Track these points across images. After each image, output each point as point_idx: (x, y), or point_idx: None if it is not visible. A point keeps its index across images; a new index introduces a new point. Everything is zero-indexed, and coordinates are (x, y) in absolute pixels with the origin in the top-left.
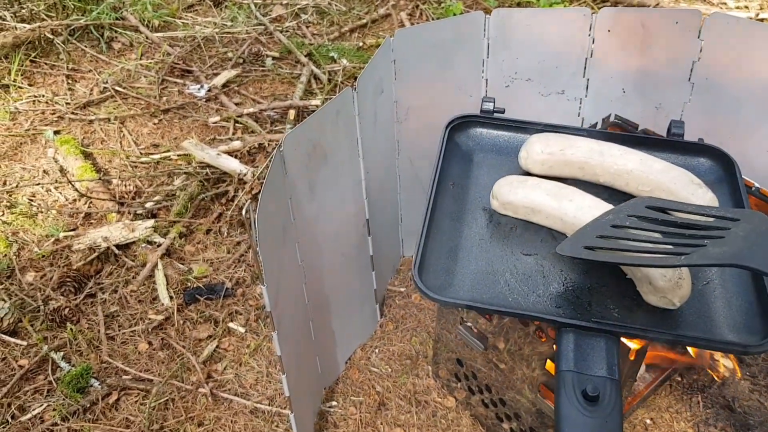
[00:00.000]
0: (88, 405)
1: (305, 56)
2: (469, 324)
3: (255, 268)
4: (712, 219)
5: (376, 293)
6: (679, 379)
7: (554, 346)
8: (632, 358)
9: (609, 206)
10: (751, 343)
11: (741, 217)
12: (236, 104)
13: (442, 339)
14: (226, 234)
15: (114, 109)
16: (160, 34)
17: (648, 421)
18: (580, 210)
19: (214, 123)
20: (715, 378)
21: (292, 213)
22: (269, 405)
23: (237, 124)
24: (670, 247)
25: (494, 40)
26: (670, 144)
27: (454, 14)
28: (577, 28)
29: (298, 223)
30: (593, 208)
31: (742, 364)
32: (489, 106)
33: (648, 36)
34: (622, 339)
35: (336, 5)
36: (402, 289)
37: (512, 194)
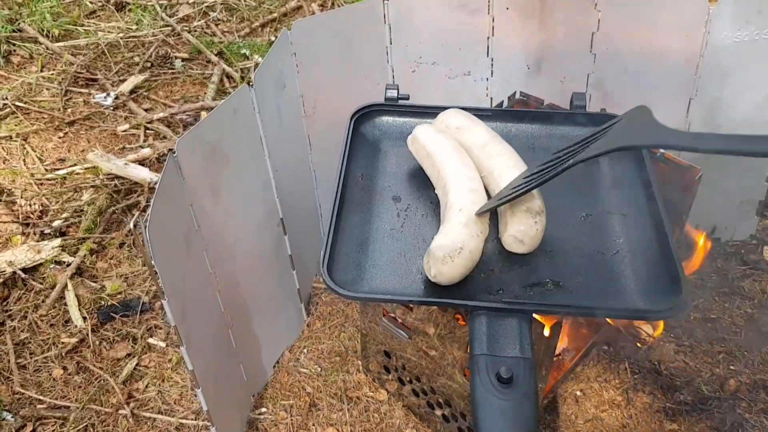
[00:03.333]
0: None
1: (216, 55)
2: (392, 314)
3: (154, 284)
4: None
5: (300, 292)
6: (606, 347)
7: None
8: (548, 334)
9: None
10: (661, 308)
11: (623, 117)
12: (146, 110)
13: (369, 332)
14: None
15: (15, 125)
16: (61, 44)
17: (578, 393)
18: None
19: (123, 131)
20: (638, 344)
21: (196, 220)
22: (195, 419)
23: (148, 131)
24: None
25: (395, 26)
26: (573, 117)
27: None
28: (475, 8)
29: (204, 231)
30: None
31: (665, 327)
32: (393, 93)
33: (546, 11)
34: (535, 317)
35: (245, 1)
36: None
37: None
